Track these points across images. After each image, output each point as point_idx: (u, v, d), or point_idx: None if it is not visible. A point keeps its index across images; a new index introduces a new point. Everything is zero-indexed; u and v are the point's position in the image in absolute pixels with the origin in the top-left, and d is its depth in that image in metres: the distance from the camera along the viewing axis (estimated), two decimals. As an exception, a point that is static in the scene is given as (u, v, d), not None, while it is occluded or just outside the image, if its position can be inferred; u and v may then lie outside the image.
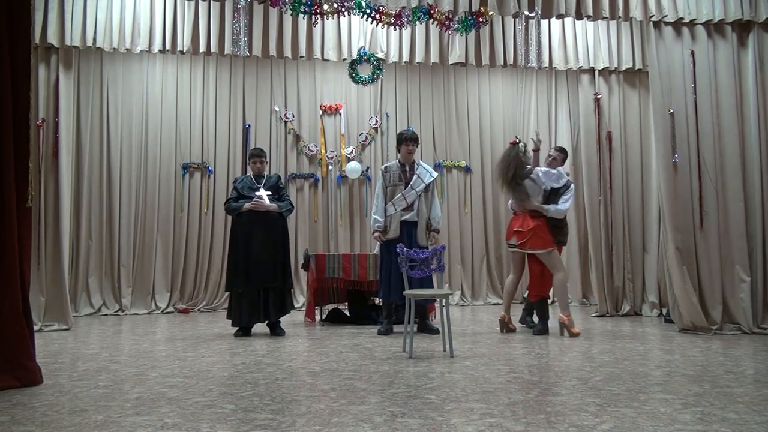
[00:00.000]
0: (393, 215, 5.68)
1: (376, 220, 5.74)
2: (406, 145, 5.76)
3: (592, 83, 7.46)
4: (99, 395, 3.24)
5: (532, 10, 5.72)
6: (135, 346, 5.02)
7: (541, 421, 2.66)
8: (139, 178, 8.03)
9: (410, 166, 5.79)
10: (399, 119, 8.84)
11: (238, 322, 5.55)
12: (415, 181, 5.72)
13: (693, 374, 3.70)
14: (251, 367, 4.03)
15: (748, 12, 5.82)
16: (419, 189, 5.70)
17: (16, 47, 3.67)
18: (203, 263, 8.13)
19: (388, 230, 5.67)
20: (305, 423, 2.68)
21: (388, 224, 5.68)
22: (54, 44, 6.18)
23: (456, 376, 3.71)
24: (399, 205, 5.67)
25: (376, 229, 5.73)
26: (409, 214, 5.68)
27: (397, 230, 5.64)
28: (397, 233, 5.62)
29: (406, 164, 5.80)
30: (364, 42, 7.08)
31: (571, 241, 8.48)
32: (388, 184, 5.77)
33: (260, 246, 5.53)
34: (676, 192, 5.78)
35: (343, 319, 6.66)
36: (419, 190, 5.70)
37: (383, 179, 5.82)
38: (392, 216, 5.68)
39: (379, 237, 5.70)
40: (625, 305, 7.16)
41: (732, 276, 5.68)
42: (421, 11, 6.07)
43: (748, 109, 5.85)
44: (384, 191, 5.77)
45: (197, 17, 6.40)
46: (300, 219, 8.45)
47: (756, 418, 2.71)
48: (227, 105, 8.40)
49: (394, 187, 5.73)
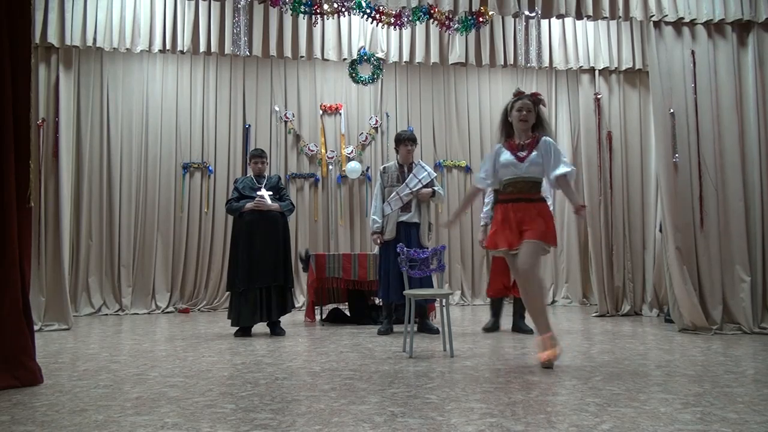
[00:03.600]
0: (389, 215, 5.66)
1: (374, 221, 5.73)
2: (405, 146, 5.74)
3: (592, 83, 7.46)
4: (99, 395, 3.24)
5: (532, 10, 5.72)
6: (135, 346, 5.02)
7: (542, 421, 2.66)
8: (140, 177, 8.03)
9: (408, 167, 5.78)
10: (399, 119, 8.84)
11: (238, 322, 5.55)
12: (410, 179, 5.70)
13: (693, 374, 3.70)
14: (251, 366, 4.03)
15: (748, 12, 5.82)
16: (413, 186, 5.67)
17: (16, 47, 3.67)
18: (203, 263, 8.13)
19: (385, 231, 5.66)
20: (305, 423, 2.67)
21: (385, 224, 5.67)
22: (54, 44, 6.18)
23: (456, 375, 3.71)
24: (395, 204, 5.65)
25: (374, 231, 5.73)
26: (407, 215, 5.66)
27: (394, 231, 5.62)
28: (393, 234, 5.61)
29: (404, 165, 5.79)
30: (364, 42, 7.08)
31: (571, 241, 8.51)
32: (386, 185, 5.76)
33: (262, 245, 5.54)
34: (677, 192, 5.78)
35: (343, 318, 6.66)
36: (413, 187, 5.66)
37: (381, 180, 5.82)
38: (389, 216, 5.67)
39: (377, 239, 5.69)
40: (625, 305, 7.16)
41: (732, 276, 5.68)
42: (422, 11, 6.07)
43: (748, 109, 5.84)
44: (382, 192, 5.76)
45: (197, 17, 6.40)
46: (300, 219, 8.46)
47: (756, 418, 2.71)
48: (227, 105, 8.40)
49: (391, 188, 5.72)
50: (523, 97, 4.22)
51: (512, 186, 4.10)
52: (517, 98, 4.23)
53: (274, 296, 5.59)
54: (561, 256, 8.69)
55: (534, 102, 4.20)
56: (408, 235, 5.63)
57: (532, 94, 4.28)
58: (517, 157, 4.10)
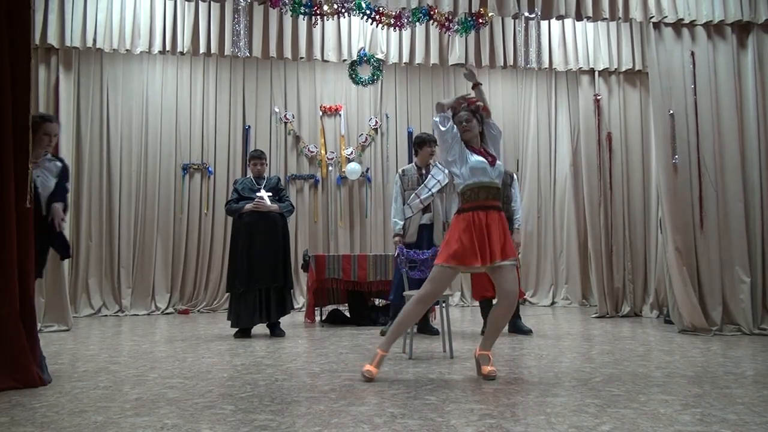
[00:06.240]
0: (412, 218, 5.60)
1: (395, 223, 5.65)
2: (429, 147, 5.67)
3: (592, 84, 7.46)
4: (99, 396, 3.24)
5: (531, 11, 5.72)
6: (135, 347, 5.02)
7: (541, 422, 2.66)
8: (139, 178, 8.03)
9: (426, 169, 5.74)
10: (399, 120, 8.85)
11: (237, 323, 5.55)
12: (429, 179, 5.67)
13: (693, 375, 3.70)
14: (251, 368, 4.03)
15: (748, 13, 5.82)
16: (432, 186, 5.62)
17: (16, 48, 3.67)
18: (203, 264, 8.13)
19: (406, 234, 5.59)
20: (305, 424, 2.67)
21: (407, 227, 5.62)
22: (54, 45, 6.18)
23: (456, 377, 3.71)
24: (415, 207, 5.59)
25: (396, 233, 5.63)
26: (427, 216, 5.62)
27: (415, 235, 5.55)
28: (414, 238, 5.54)
29: (422, 167, 5.75)
30: (364, 43, 7.09)
31: (571, 242, 8.51)
32: (406, 188, 5.70)
33: (262, 246, 5.53)
34: (676, 192, 5.78)
35: (343, 320, 6.66)
36: (431, 187, 5.62)
37: (401, 182, 5.74)
38: (410, 219, 5.61)
39: (399, 241, 5.54)
40: (625, 306, 7.16)
41: (732, 277, 5.68)
42: (421, 12, 6.07)
43: (748, 110, 5.84)
44: (402, 195, 5.69)
45: (197, 18, 6.41)
46: (300, 220, 8.46)
47: (756, 419, 2.71)
48: (227, 106, 8.40)
49: (411, 191, 5.65)
50: (460, 110, 3.83)
51: (485, 191, 3.69)
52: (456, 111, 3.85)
53: (274, 297, 5.59)
54: (561, 257, 8.68)
55: (472, 111, 3.82)
56: (429, 235, 5.57)
57: (468, 103, 3.86)
58: (489, 161, 3.73)
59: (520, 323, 5.68)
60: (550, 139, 8.86)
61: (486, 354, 3.71)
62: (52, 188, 3.82)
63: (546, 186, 8.88)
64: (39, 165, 3.80)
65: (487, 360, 3.69)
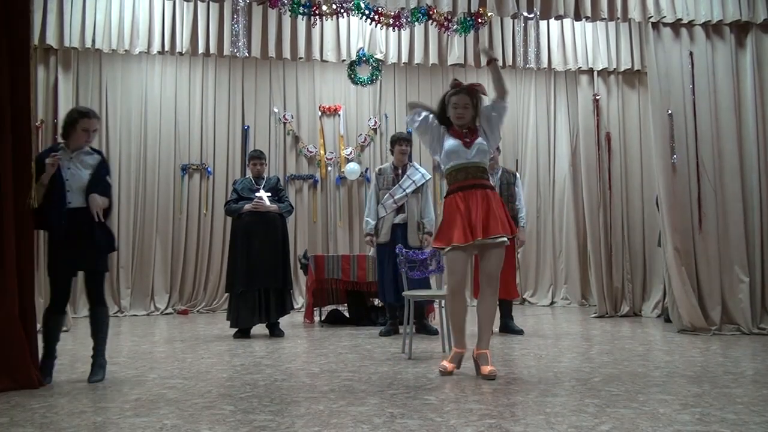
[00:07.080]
0: (384, 218, 5.61)
1: (367, 222, 5.69)
2: (399, 146, 5.68)
3: (590, 84, 7.47)
4: (98, 396, 3.24)
5: (530, 11, 5.72)
6: (134, 348, 5.02)
7: (541, 422, 2.66)
8: (138, 179, 8.02)
9: (403, 169, 5.72)
10: (398, 120, 8.84)
11: (236, 324, 5.54)
12: (404, 180, 5.65)
13: (692, 375, 3.70)
14: (250, 368, 4.03)
15: (747, 13, 5.82)
16: (407, 187, 5.60)
17: (15, 48, 3.67)
18: (202, 264, 8.13)
19: (379, 233, 5.63)
20: (304, 424, 2.67)
21: (380, 227, 5.64)
22: (53, 45, 6.18)
23: (455, 377, 3.71)
24: (388, 207, 5.59)
25: (367, 232, 5.69)
26: (400, 216, 5.62)
27: (388, 234, 5.56)
28: (387, 237, 5.56)
29: (399, 167, 5.73)
30: (363, 43, 7.09)
31: (570, 242, 8.50)
32: (381, 187, 5.71)
33: (261, 247, 5.53)
34: (675, 193, 5.78)
35: (342, 320, 6.66)
36: (406, 188, 5.60)
37: (377, 181, 5.76)
38: (383, 219, 5.62)
39: (371, 241, 5.67)
40: (624, 306, 7.16)
41: (731, 277, 5.68)
42: (420, 12, 6.07)
43: (747, 110, 5.84)
44: (377, 194, 5.70)
45: (196, 18, 6.40)
46: (299, 220, 8.45)
47: (755, 418, 2.71)
48: (226, 106, 8.40)
49: (386, 191, 5.66)
50: (460, 91, 3.81)
51: (463, 172, 3.71)
52: (454, 91, 3.83)
53: (273, 297, 5.59)
54: (560, 257, 8.68)
55: (471, 95, 3.80)
56: (402, 235, 5.58)
57: (470, 86, 3.85)
58: (464, 143, 3.73)
59: (511, 323, 5.66)
60: (549, 139, 8.86)
61: (484, 353, 3.71)
62: (85, 180, 3.73)
63: (545, 186, 8.88)
64: (74, 158, 3.78)
65: (486, 360, 3.69)
